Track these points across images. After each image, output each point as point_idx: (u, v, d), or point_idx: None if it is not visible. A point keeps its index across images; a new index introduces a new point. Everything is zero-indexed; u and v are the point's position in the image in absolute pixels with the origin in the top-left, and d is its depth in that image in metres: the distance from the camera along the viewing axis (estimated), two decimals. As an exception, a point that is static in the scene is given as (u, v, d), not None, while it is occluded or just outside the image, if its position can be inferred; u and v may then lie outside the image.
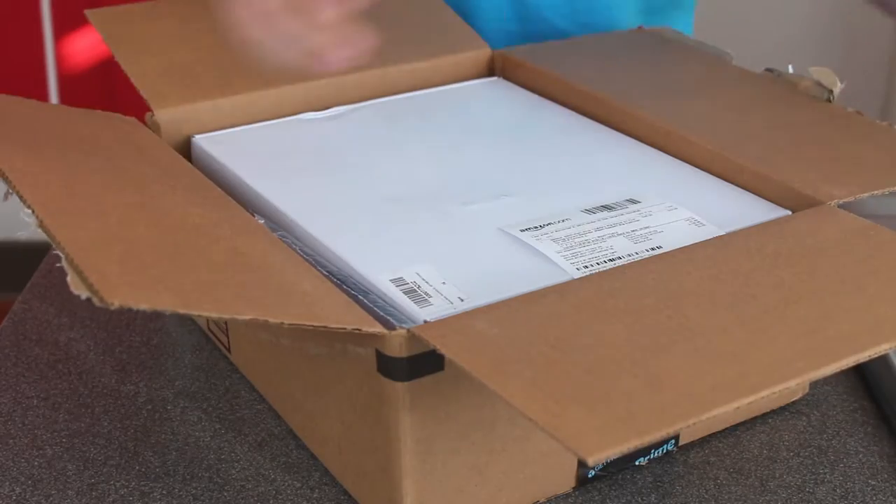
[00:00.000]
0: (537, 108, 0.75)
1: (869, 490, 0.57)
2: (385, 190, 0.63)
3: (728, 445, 0.60)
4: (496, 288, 0.51)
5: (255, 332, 0.62)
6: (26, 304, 0.74)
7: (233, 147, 0.69)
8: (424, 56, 0.80)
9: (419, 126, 0.72)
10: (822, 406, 0.63)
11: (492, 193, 0.62)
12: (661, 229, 0.57)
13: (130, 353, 0.68)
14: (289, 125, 0.73)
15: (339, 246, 0.56)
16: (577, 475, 0.56)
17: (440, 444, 0.51)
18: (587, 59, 0.80)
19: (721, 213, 0.60)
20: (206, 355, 0.68)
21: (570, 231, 0.57)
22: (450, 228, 0.59)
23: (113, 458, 0.59)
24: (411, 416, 0.49)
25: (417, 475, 0.51)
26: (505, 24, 0.92)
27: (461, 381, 0.50)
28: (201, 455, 0.59)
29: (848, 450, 0.60)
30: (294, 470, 0.58)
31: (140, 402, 0.63)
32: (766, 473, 0.58)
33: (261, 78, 0.75)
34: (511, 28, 0.92)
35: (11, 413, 0.62)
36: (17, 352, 0.68)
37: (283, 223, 0.60)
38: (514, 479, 0.54)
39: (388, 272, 0.53)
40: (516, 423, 0.52)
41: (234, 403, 0.63)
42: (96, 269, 0.43)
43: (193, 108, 0.72)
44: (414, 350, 0.48)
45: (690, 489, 0.56)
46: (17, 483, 0.57)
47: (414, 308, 0.50)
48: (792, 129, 0.67)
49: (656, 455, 0.58)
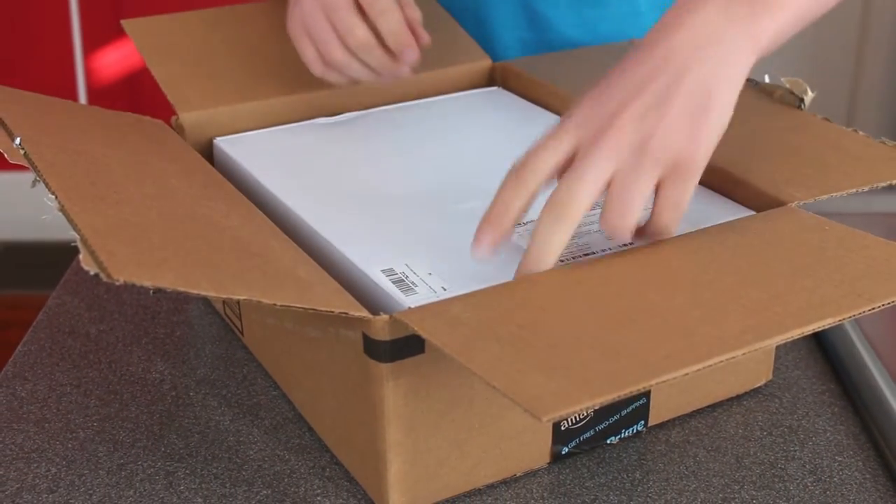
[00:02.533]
0: (532, 117, 0.77)
1: (836, 466, 0.58)
2: (386, 189, 0.65)
3: (706, 425, 0.62)
4: (478, 279, 0.53)
5: (263, 317, 0.64)
6: (59, 299, 0.76)
7: (250, 148, 0.72)
8: (429, 66, 0.81)
9: (422, 132, 0.75)
10: (792, 389, 0.65)
11: (483, 193, 0.64)
12: None
13: (156, 344, 0.70)
14: (302, 129, 0.75)
15: (338, 238, 0.59)
16: (552, 451, 0.58)
17: (422, 420, 0.53)
18: (582, 71, 0.82)
19: (690, 212, 0.61)
20: (226, 346, 0.70)
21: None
22: (441, 225, 0.61)
23: (140, 441, 0.60)
24: (394, 394, 0.51)
25: (401, 449, 0.53)
26: (520, 33, 0.92)
27: (441, 362, 0.52)
28: (221, 438, 0.61)
29: (816, 429, 0.62)
30: (306, 451, 0.59)
31: (165, 388, 0.65)
32: (742, 451, 0.59)
33: (278, 85, 0.77)
34: (525, 36, 0.92)
35: (47, 399, 0.64)
36: (51, 343, 0.70)
37: (289, 217, 0.63)
38: (492, 453, 0.56)
39: (380, 263, 0.56)
40: (493, 401, 0.54)
41: (250, 390, 0.65)
42: (106, 249, 0.46)
43: (216, 112, 0.75)
44: (396, 334, 0.50)
45: (672, 466, 0.58)
46: (52, 464, 0.59)
47: (400, 296, 0.53)
48: (764, 135, 0.68)
49: (627, 434, 0.60)
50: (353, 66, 0.71)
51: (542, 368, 0.44)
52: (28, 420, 0.62)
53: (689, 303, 0.49)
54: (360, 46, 0.70)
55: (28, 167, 0.56)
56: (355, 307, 0.50)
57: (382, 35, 0.70)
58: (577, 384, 0.43)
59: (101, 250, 0.46)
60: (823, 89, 0.87)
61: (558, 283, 0.52)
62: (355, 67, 0.72)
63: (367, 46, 0.70)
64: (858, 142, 0.66)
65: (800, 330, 0.46)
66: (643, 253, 0.55)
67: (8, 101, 0.64)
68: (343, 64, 0.71)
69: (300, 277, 0.52)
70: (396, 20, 0.70)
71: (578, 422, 0.58)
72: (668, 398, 0.61)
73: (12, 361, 0.68)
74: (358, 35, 0.70)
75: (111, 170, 0.59)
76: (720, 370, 0.63)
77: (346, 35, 0.70)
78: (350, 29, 0.69)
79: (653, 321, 0.48)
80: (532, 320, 0.48)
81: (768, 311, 0.48)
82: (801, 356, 0.69)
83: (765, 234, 0.56)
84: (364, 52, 0.70)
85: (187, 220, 0.55)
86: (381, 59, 0.71)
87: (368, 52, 0.71)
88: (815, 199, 0.60)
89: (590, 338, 0.46)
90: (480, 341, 0.46)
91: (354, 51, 0.70)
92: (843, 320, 0.48)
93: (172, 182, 0.61)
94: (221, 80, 0.77)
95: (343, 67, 0.72)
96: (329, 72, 0.73)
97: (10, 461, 0.59)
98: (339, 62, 0.71)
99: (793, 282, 0.51)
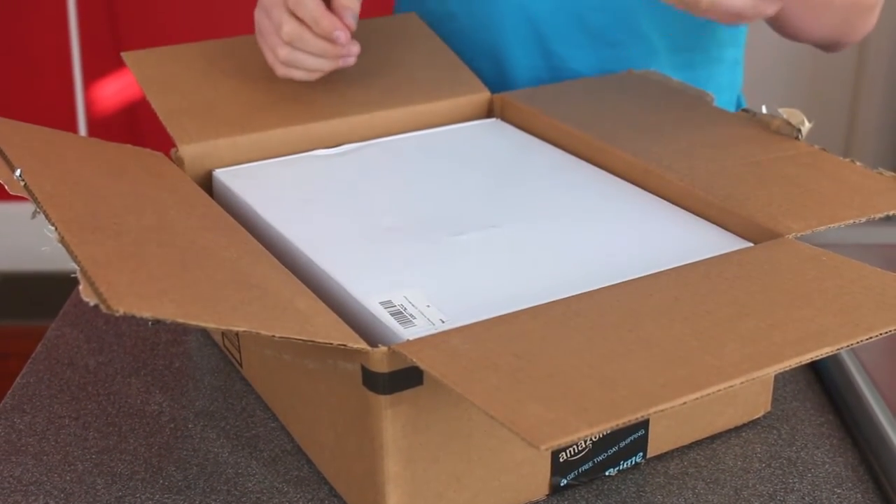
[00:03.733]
0: (529, 148, 0.77)
1: (835, 498, 0.58)
2: (384, 221, 0.65)
3: (705, 457, 0.61)
4: (476, 311, 0.53)
5: (261, 348, 0.64)
6: (58, 330, 0.75)
7: (249, 180, 0.72)
8: (429, 99, 0.82)
9: (420, 163, 0.75)
10: (791, 420, 0.65)
11: (481, 224, 0.65)
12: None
13: (154, 376, 0.70)
14: (301, 161, 0.75)
15: (337, 270, 0.59)
16: (551, 483, 0.57)
17: (421, 452, 0.53)
18: (578, 102, 0.82)
19: (688, 244, 0.62)
20: (224, 378, 0.69)
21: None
22: (439, 257, 0.61)
23: (139, 473, 0.60)
24: (393, 426, 0.51)
25: (400, 480, 0.53)
26: (537, 73, 0.93)
27: (439, 394, 0.52)
28: (220, 470, 0.60)
29: (815, 461, 0.61)
30: (304, 484, 0.59)
31: (163, 420, 0.65)
32: (741, 483, 0.59)
33: (276, 117, 0.78)
34: (542, 77, 0.93)
35: (45, 431, 0.64)
36: (50, 375, 0.70)
37: (288, 249, 0.63)
38: (490, 486, 0.55)
39: (379, 295, 0.56)
40: (492, 434, 0.54)
41: (249, 422, 0.65)
42: (106, 280, 0.46)
43: (215, 144, 0.75)
44: (395, 366, 0.50)
45: (670, 498, 0.58)
46: (50, 496, 0.58)
47: (399, 328, 0.52)
48: (760, 167, 0.68)
49: (625, 466, 0.60)
50: (299, 58, 0.75)
51: (540, 398, 0.44)
52: (26, 452, 0.62)
53: (687, 333, 0.49)
54: (293, 39, 0.74)
55: (28, 198, 0.56)
56: (354, 339, 0.50)
57: (306, 24, 0.74)
58: (575, 413, 0.43)
59: (100, 281, 0.46)
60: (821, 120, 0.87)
61: (556, 315, 0.52)
62: (302, 59, 0.76)
63: (299, 37, 0.74)
64: (856, 172, 0.67)
65: (798, 359, 0.46)
66: (641, 284, 0.55)
67: (8, 133, 0.65)
68: (291, 59, 0.75)
69: (299, 309, 0.52)
70: (311, 8, 0.73)
71: (577, 453, 0.57)
72: (666, 430, 0.61)
73: (11, 393, 0.68)
74: (286, 29, 0.74)
75: (111, 201, 0.59)
76: (719, 401, 0.62)
77: (279, 32, 0.74)
78: (280, 25, 0.74)
79: (651, 351, 0.47)
80: (530, 351, 0.48)
81: (766, 341, 0.48)
82: (799, 388, 0.68)
83: (762, 265, 0.56)
84: (299, 42, 0.74)
85: (187, 251, 0.55)
86: (317, 45, 0.75)
87: (303, 42, 0.74)
88: (812, 231, 0.60)
89: (587, 367, 0.46)
90: (479, 372, 0.46)
91: (290, 44, 0.74)
92: (840, 349, 0.48)
93: (172, 213, 0.61)
94: (220, 113, 0.77)
95: (293, 62, 0.76)
96: (288, 70, 0.77)
97: (7, 493, 0.58)
98: (286, 58, 0.75)
99: (790, 312, 0.51)
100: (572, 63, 0.92)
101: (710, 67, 0.95)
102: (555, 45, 0.92)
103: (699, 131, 0.74)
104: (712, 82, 0.94)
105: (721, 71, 0.96)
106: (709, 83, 0.94)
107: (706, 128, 0.75)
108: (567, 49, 0.91)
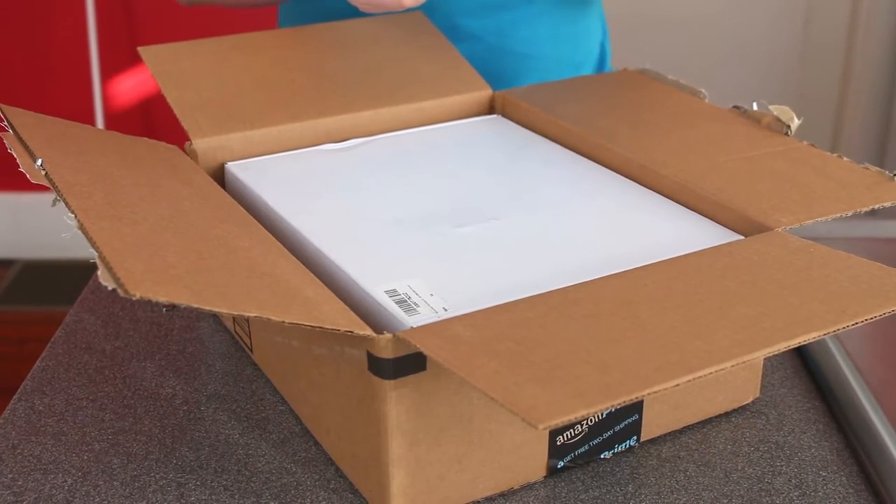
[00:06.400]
0: (529, 144, 0.78)
1: (820, 480, 0.58)
2: (389, 213, 0.66)
3: (696, 441, 0.62)
4: (477, 299, 0.53)
5: (271, 334, 0.64)
6: (76, 316, 0.76)
7: (260, 173, 0.72)
8: (433, 96, 0.82)
9: (424, 158, 0.75)
10: (779, 406, 0.65)
11: (482, 217, 0.65)
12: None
13: (168, 360, 0.70)
14: (310, 154, 0.76)
15: (344, 260, 0.59)
16: (548, 465, 0.58)
17: (423, 435, 0.53)
18: (576, 99, 0.82)
19: (681, 237, 0.62)
20: (235, 362, 0.70)
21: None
22: (442, 248, 0.61)
23: (153, 453, 0.61)
24: (397, 410, 0.52)
25: (403, 462, 0.53)
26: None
27: (442, 379, 0.52)
28: (230, 450, 0.61)
29: (802, 445, 0.62)
30: (312, 464, 0.59)
31: (177, 403, 0.65)
32: (730, 466, 0.60)
33: (287, 112, 0.78)
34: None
35: (64, 413, 0.64)
36: (68, 359, 0.70)
37: (297, 239, 0.63)
38: (490, 467, 0.56)
39: (384, 284, 0.56)
40: (492, 418, 0.55)
41: (259, 405, 0.65)
42: (123, 266, 0.46)
43: (227, 138, 0.75)
44: (399, 352, 0.50)
45: (663, 480, 0.58)
46: (68, 475, 0.59)
47: (403, 316, 0.53)
48: (751, 162, 0.68)
49: (620, 450, 0.60)
50: None
51: (538, 381, 0.44)
52: (46, 433, 0.62)
53: (680, 320, 0.49)
54: None
55: (49, 187, 0.56)
56: (360, 326, 0.50)
57: None
58: (571, 395, 0.43)
59: (118, 267, 0.46)
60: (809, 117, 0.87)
61: (555, 304, 0.52)
62: None
63: None
64: (842, 168, 0.67)
65: (786, 343, 0.47)
66: (636, 274, 0.55)
67: (30, 125, 0.65)
68: None
69: (308, 297, 0.52)
70: None
71: (574, 437, 0.58)
72: (659, 414, 0.61)
73: (31, 376, 0.68)
74: None
75: (127, 191, 0.59)
76: (710, 387, 0.63)
77: None
78: None
79: (644, 337, 0.48)
80: (529, 337, 0.49)
81: (755, 327, 0.48)
82: (787, 375, 0.69)
83: (752, 256, 0.57)
84: None
85: (200, 240, 0.55)
86: None
87: None
88: (800, 224, 0.60)
89: (584, 353, 0.47)
90: (480, 357, 0.47)
91: None
92: (827, 334, 0.48)
93: (186, 204, 0.61)
94: (233, 108, 0.77)
95: None
96: None
97: (28, 472, 0.59)
98: None
99: (779, 299, 0.51)
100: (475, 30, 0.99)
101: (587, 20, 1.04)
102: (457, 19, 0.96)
103: (692, 128, 0.75)
104: (592, 31, 1.05)
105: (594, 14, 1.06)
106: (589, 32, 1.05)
107: (699, 125, 0.75)
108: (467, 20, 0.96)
